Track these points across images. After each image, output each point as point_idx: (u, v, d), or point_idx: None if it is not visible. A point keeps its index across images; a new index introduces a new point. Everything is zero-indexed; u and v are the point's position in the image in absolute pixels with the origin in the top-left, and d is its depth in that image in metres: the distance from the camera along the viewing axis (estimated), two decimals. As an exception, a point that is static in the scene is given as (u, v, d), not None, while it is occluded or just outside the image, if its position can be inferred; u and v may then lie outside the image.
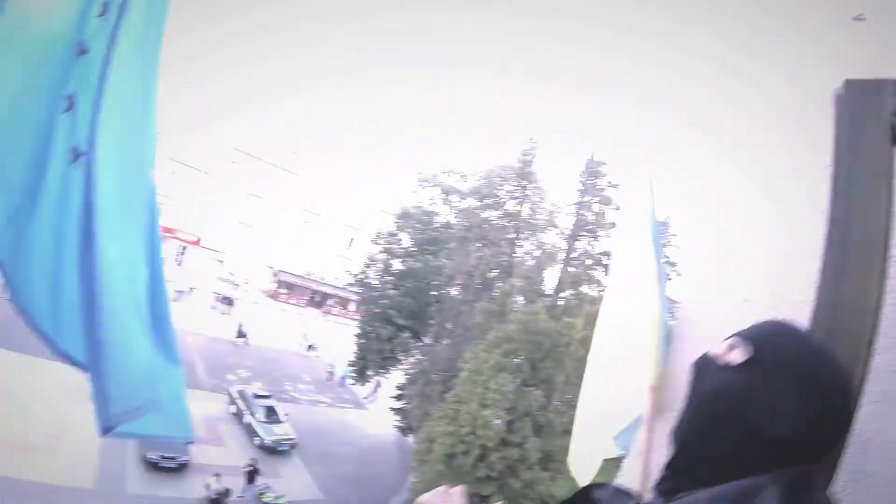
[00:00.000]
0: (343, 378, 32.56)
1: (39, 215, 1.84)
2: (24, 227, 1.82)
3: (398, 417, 26.71)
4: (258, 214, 50.71)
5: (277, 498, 17.66)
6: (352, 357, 30.09)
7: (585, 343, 16.68)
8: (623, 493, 1.01)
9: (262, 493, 17.74)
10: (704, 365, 0.97)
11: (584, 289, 22.43)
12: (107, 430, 2.05)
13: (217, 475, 16.81)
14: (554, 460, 16.74)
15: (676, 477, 0.95)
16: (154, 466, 17.27)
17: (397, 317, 28.32)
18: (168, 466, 17.45)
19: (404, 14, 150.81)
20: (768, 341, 0.92)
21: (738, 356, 0.92)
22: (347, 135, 53.86)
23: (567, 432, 16.63)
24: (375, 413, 30.26)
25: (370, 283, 31.05)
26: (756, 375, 0.89)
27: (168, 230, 45.11)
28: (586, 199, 24.58)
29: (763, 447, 0.86)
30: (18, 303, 1.88)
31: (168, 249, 46.43)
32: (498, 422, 16.04)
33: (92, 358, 1.92)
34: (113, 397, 2.02)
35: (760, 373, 0.89)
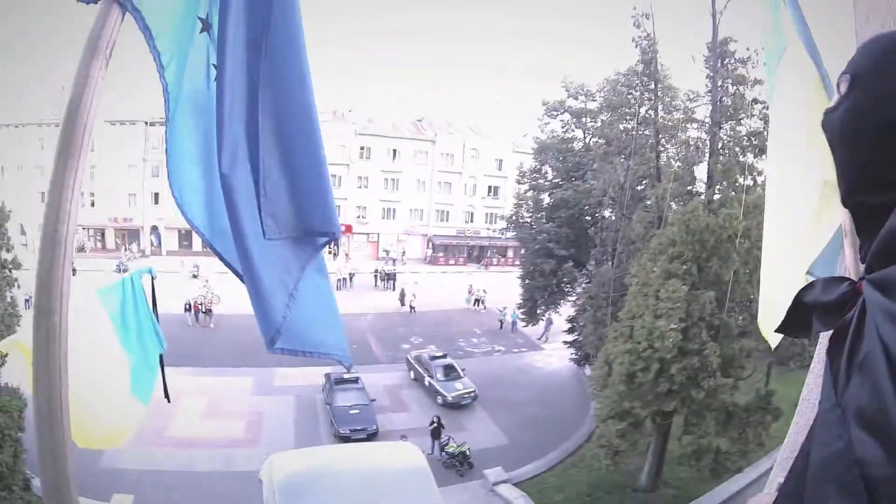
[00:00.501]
0: (514, 323, 33.05)
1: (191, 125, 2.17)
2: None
3: (573, 350, 26.88)
4: (398, 188, 53.37)
5: (460, 445, 18.43)
6: (519, 300, 31.02)
7: (748, 234, 15.69)
8: (835, 280, 0.96)
9: (445, 445, 18.60)
10: (827, 121, 0.93)
11: (738, 178, 20.74)
12: (271, 342, 2.39)
13: (404, 436, 17.71)
14: (734, 365, 16.04)
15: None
16: (347, 440, 18.57)
17: (557, 249, 28.74)
18: (359, 438, 18.67)
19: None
20: (862, 57, 0.88)
21: (843, 89, 0.90)
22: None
23: (744, 334, 15.56)
24: (551, 351, 30.57)
25: (525, 222, 31.81)
26: (861, 91, 0.86)
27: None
28: (720, 83, 22.68)
29: None
30: (190, 219, 2.23)
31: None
32: (673, 328, 15.51)
33: (245, 270, 2.21)
34: (271, 307, 2.34)
35: (864, 84, 0.86)
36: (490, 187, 55.68)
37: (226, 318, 28.98)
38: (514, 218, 33.10)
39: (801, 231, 3.04)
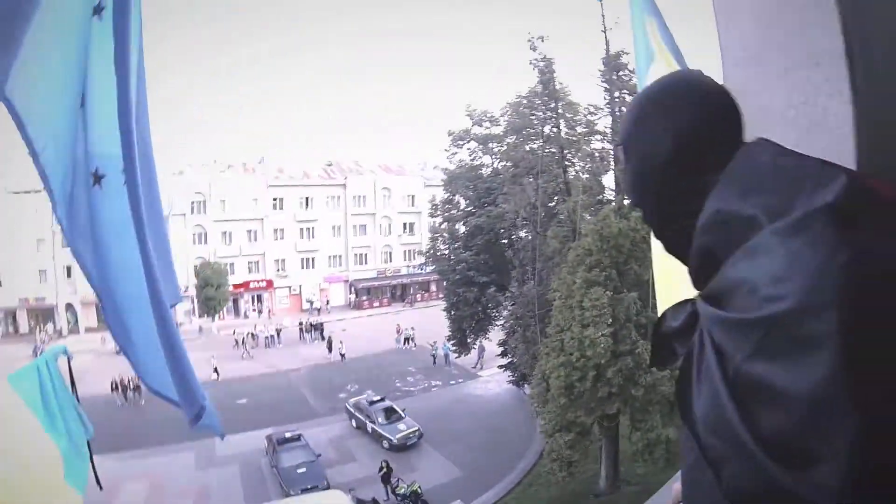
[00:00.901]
0: (446, 355, 33.23)
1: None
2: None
3: (509, 373, 27.18)
4: (314, 236, 53.04)
5: (410, 485, 18.38)
6: (448, 332, 31.14)
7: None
8: (681, 305, 1.03)
9: (395, 488, 18.55)
10: (623, 184, 1.18)
11: (642, 180, 21.96)
12: (196, 419, 2.53)
13: (351, 489, 17.54)
14: (667, 358, 16.70)
15: None
16: None
17: (478, 276, 29.13)
18: None
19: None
20: (624, 126, 1.05)
21: (622, 157, 1.07)
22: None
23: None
24: (488, 377, 31.01)
25: (442, 254, 32.14)
26: (634, 155, 1.03)
27: (240, 285, 48.46)
28: (616, 95, 24.33)
29: (674, 178, 0.96)
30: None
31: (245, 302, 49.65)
32: (603, 334, 16.12)
33: (171, 360, 2.42)
34: (193, 387, 2.53)
35: (633, 149, 1.02)
36: (405, 224, 56.19)
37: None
38: (431, 252, 33.42)
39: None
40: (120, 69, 2.12)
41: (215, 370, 32.14)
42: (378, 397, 25.95)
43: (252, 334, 39.82)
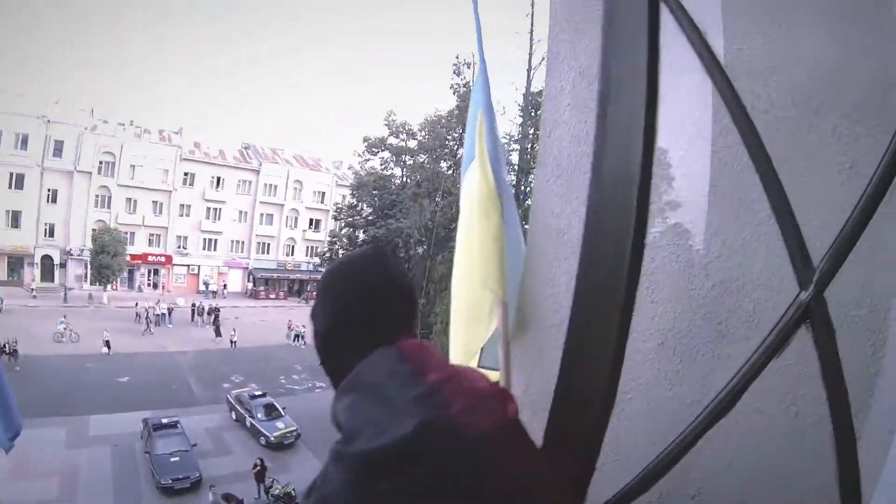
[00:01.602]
0: None
1: None
2: None
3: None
4: (220, 218, 53.19)
5: (285, 487, 18.66)
6: None
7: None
8: None
9: (269, 488, 18.81)
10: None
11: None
12: (14, 437, 2.96)
13: (212, 486, 18.04)
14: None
15: None
16: (170, 491, 18.62)
17: None
18: (183, 487, 18.75)
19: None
20: (314, 302, 1.33)
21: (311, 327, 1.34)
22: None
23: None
24: (372, 384, 32.60)
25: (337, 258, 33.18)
26: (318, 322, 1.30)
27: (138, 256, 47.77)
28: (530, 132, 25.39)
29: (338, 346, 1.25)
30: None
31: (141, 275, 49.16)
32: None
33: None
34: (10, 408, 2.93)
35: (316, 318, 1.30)
36: (312, 220, 56.68)
37: (34, 360, 27.27)
38: (328, 255, 34.06)
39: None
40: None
41: (106, 343, 32.01)
42: (260, 392, 25.81)
43: (149, 309, 39.33)
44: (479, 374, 1.26)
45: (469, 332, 3.06)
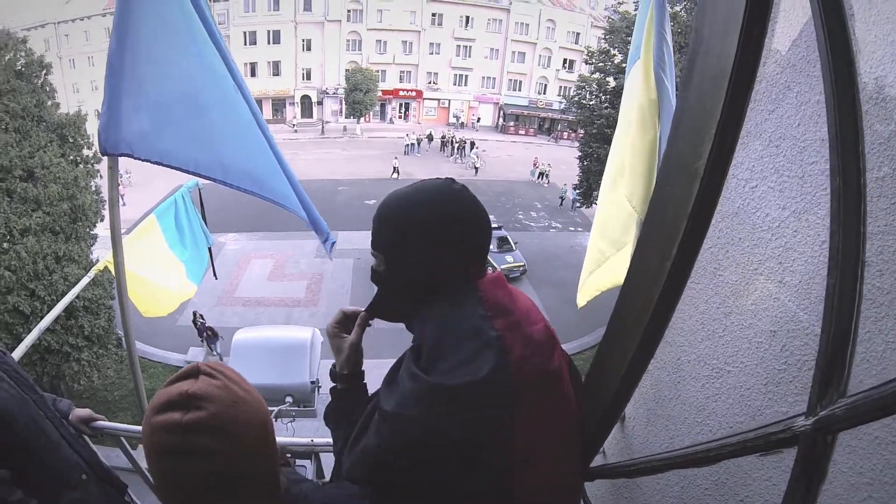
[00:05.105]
0: (574, 201, 33.96)
1: None
2: None
3: (627, 236, 28.38)
4: (470, 55, 55.25)
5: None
6: (576, 180, 31.91)
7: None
8: None
9: None
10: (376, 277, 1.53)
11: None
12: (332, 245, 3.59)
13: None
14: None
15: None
16: None
17: (613, 135, 29.61)
18: None
19: None
20: (385, 235, 1.44)
21: (380, 264, 1.49)
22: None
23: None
24: (606, 233, 32.48)
25: (586, 103, 32.41)
26: (397, 261, 1.43)
27: (389, 91, 52.42)
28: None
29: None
30: None
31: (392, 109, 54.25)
32: None
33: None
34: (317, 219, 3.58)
35: (397, 256, 1.43)
36: (565, 60, 55.94)
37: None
38: (576, 99, 33.60)
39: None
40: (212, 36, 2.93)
41: (395, 170, 37.53)
42: (496, 224, 25.86)
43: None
44: (538, 316, 1.48)
45: (604, 235, 3.84)
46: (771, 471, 1.13)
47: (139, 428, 2.30)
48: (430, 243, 1.36)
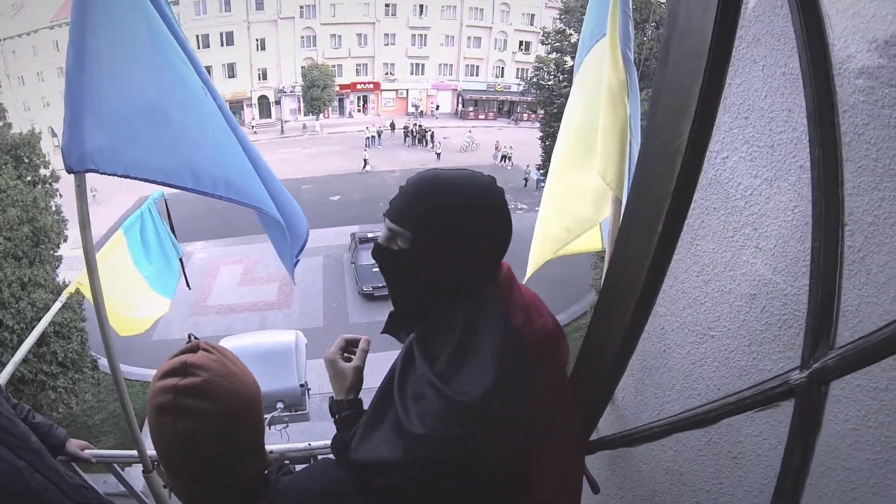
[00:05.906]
0: (538, 181, 33.96)
1: None
2: None
3: (597, 212, 28.71)
4: (426, 44, 55.24)
5: None
6: (538, 161, 31.99)
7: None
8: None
9: None
10: (385, 255, 1.43)
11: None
12: (295, 264, 3.35)
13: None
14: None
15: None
16: (370, 297, 21.44)
17: None
18: (381, 294, 20.37)
19: None
20: (414, 218, 1.36)
21: (401, 242, 1.38)
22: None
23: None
24: (573, 211, 32.82)
25: (545, 84, 32.68)
26: (425, 243, 1.36)
27: (347, 86, 52.25)
28: None
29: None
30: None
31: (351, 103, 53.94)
32: None
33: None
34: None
35: (424, 239, 1.36)
36: (521, 42, 56.35)
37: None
38: (535, 80, 33.84)
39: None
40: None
41: (365, 161, 38.19)
42: None
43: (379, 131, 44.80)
44: (545, 308, 1.52)
45: (569, 213, 3.63)
46: (762, 425, 1.18)
47: (134, 452, 2.61)
48: (467, 227, 1.32)
